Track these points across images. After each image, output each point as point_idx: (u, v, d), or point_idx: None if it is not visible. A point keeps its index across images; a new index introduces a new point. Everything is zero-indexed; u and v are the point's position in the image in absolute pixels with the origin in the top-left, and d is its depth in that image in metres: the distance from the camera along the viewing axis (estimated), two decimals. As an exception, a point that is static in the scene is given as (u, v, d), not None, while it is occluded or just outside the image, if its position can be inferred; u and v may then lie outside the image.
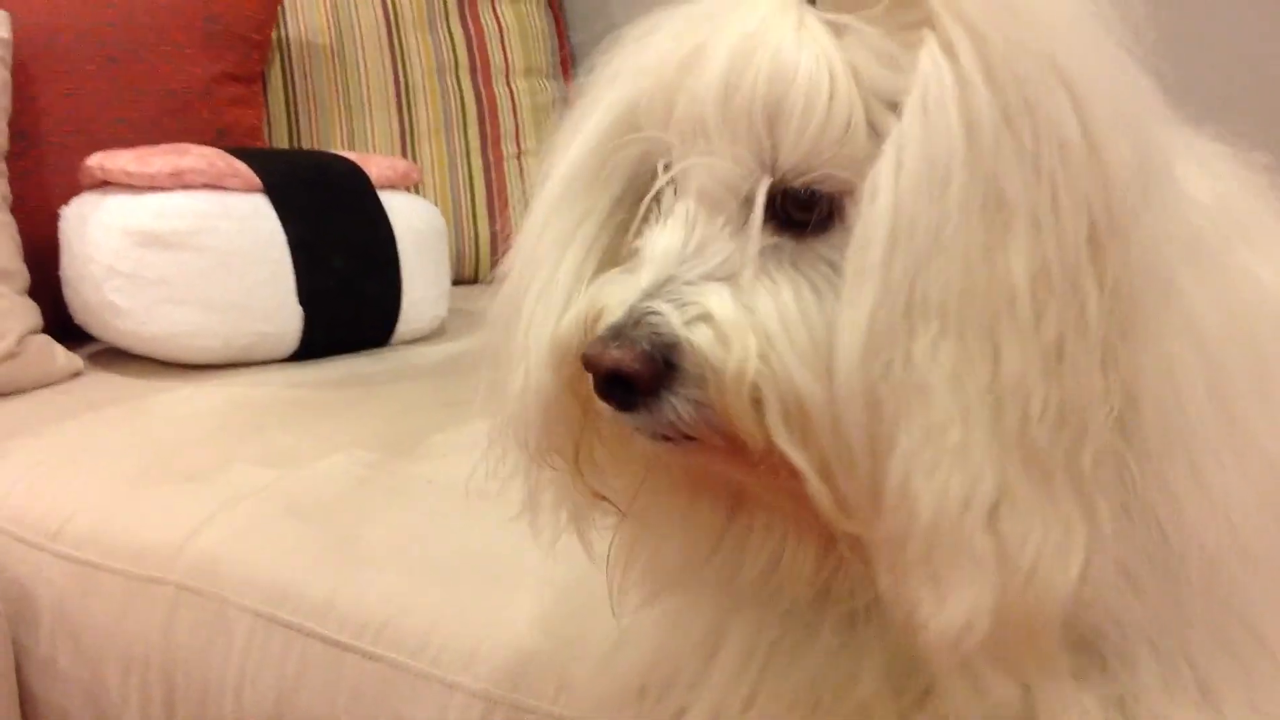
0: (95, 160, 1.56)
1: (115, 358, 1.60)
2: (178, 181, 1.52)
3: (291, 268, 1.57)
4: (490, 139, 2.23)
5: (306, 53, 2.14)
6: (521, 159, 2.24)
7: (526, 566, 0.91)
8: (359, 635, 0.94)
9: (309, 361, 1.62)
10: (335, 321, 1.64)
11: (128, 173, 1.52)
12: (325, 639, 0.95)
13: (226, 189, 1.56)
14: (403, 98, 2.19)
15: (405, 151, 2.17)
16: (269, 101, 2.11)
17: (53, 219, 1.60)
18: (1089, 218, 0.53)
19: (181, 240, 1.49)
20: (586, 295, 0.62)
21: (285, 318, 1.58)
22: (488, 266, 2.20)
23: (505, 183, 2.22)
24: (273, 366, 1.59)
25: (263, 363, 1.59)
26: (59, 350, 1.54)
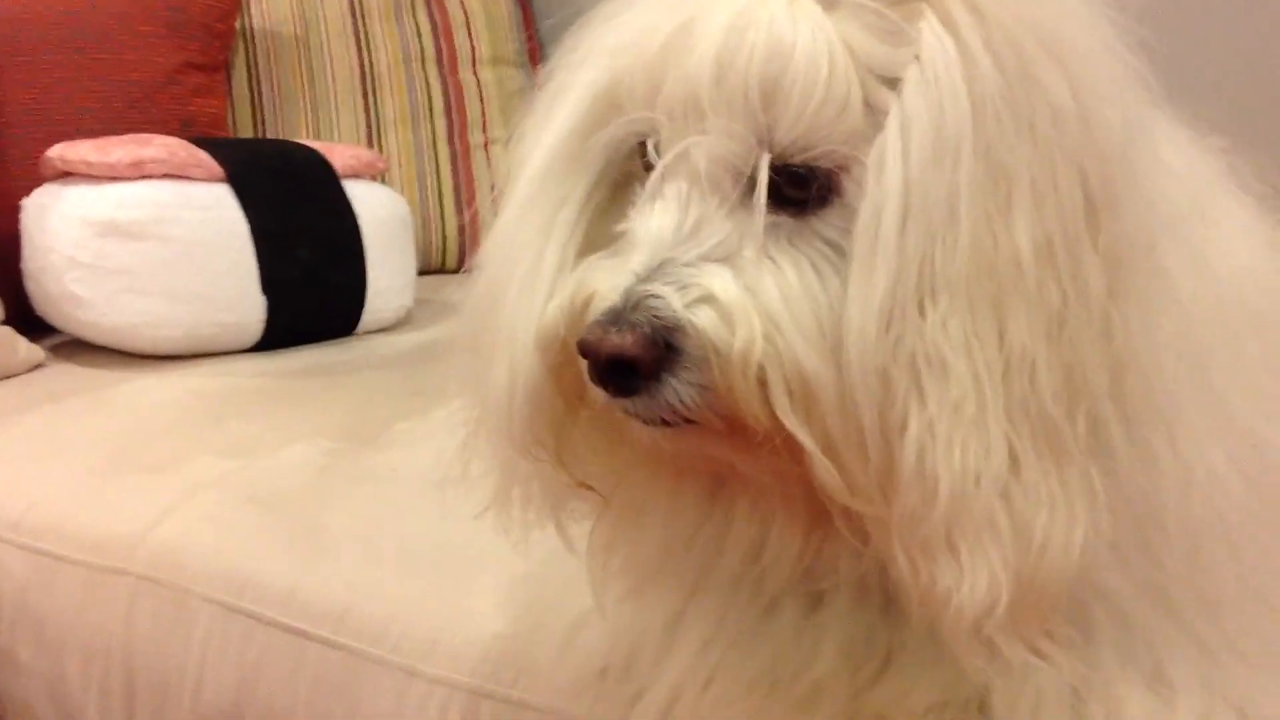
0: (56, 151, 1.55)
1: (77, 349, 1.59)
2: (139, 171, 1.51)
3: (255, 257, 1.57)
4: (457, 128, 2.22)
5: (271, 42, 2.13)
6: (489, 148, 2.23)
7: (488, 555, 0.90)
8: (319, 624, 0.93)
9: (273, 351, 1.61)
10: (299, 311, 1.63)
11: (88, 163, 1.51)
12: (286, 628, 0.94)
13: (189, 179, 1.55)
14: (368, 87, 2.18)
15: (372, 141, 2.16)
16: (233, 91, 2.09)
17: (14, 211, 1.59)
18: (1084, 185, 0.54)
19: (143, 230, 1.48)
20: (572, 281, 0.61)
21: (248, 307, 1.57)
22: (455, 256, 2.19)
23: (472, 172, 2.21)
24: (236, 357, 1.58)
25: (226, 353, 1.58)
26: (21, 342, 1.53)
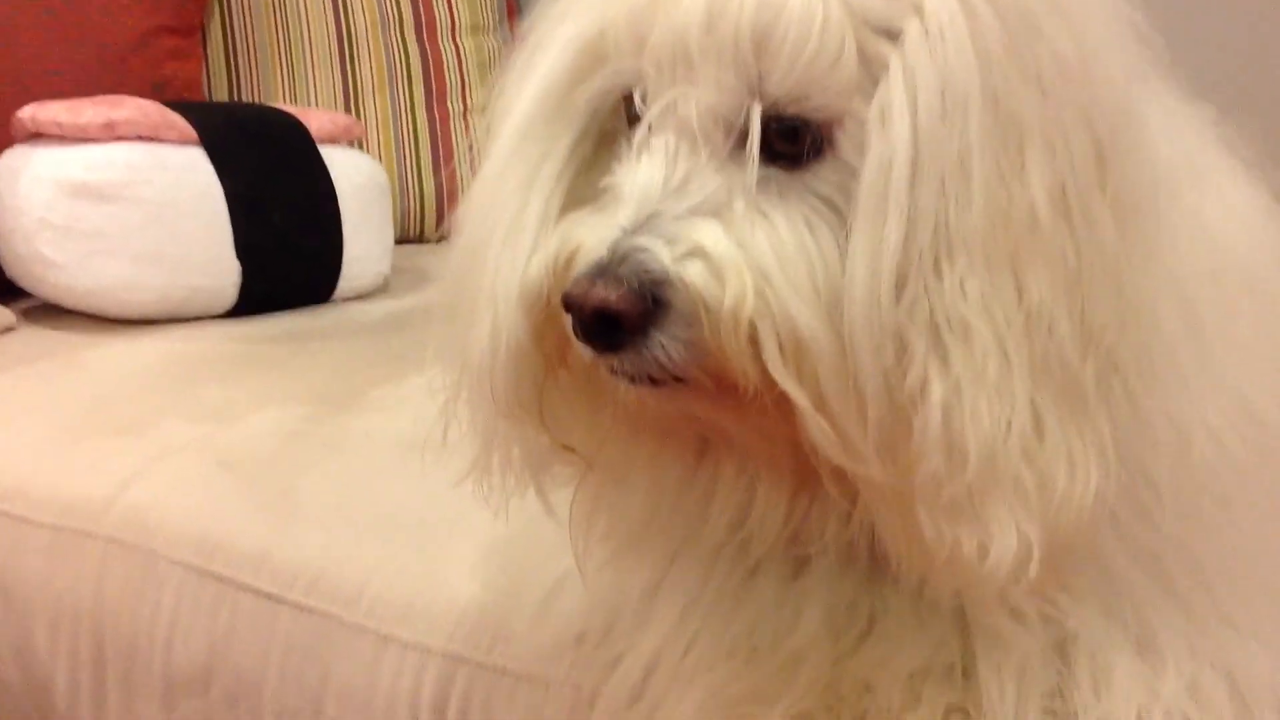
0: (27, 112, 1.52)
1: (49, 313, 1.56)
2: (110, 133, 1.48)
3: (229, 221, 1.54)
4: (435, 95, 2.19)
5: (247, 5, 2.09)
6: (468, 116, 2.21)
7: (463, 520, 0.90)
8: (291, 587, 0.92)
9: (247, 317, 1.59)
10: (274, 276, 1.61)
11: (59, 124, 1.48)
12: (257, 591, 0.93)
13: (162, 141, 1.52)
14: (346, 52, 2.15)
15: (349, 107, 2.13)
16: (208, 55, 2.06)
17: (-15, 172, 1.56)
18: (1093, 134, 0.53)
19: (115, 192, 1.46)
20: (556, 236, 0.59)
21: (222, 271, 1.55)
22: (433, 225, 2.16)
23: (451, 140, 2.18)
24: (210, 322, 1.56)
25: (199, 318, 1.56)
26: (-10, 305, 1.51)
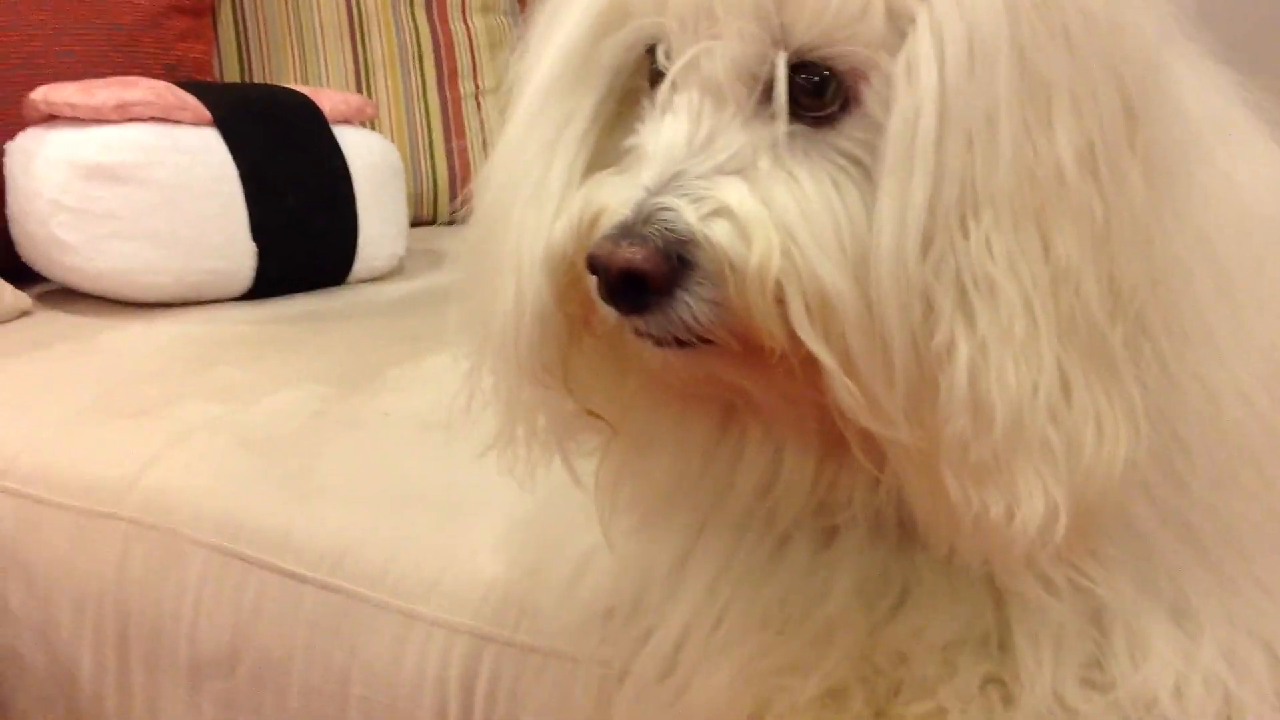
0: (40, 94, 1.51)
1: (65, 297, 1.56)
2: (124, 114, 1.48)
3: (244, 203, 1.54)
4: (447, 75, 2.18)
5: (258, -15, 2.09)
6: (480, 97, 2.20)
7: (486, 496, 0.89)
8: (316, 566, 0.92)
9: (263, 300, 1.59)
10: (290, 258, 1.61)
11: (72, 105, 1.48)
12: (282, 571, 0.93)
13: (175, 122, 1.52)
14: (356, 31, 2.14)
15: (360, 87, 2.12)
16: (219, 35, 2.05)
17: (-2, 155, 1.56)
18: (1121, 91, 0.52)
19: (129, 173, 1.45)
20: (579, 197, 0.59)
21: (238, 254, 1.55)
22: (446, 206, 2.15)
23: (463, 122, 2.17)
24: (226, 304, 1.56)
25: (216, 301, 1.56)
26: (7, 289, 1.51)
